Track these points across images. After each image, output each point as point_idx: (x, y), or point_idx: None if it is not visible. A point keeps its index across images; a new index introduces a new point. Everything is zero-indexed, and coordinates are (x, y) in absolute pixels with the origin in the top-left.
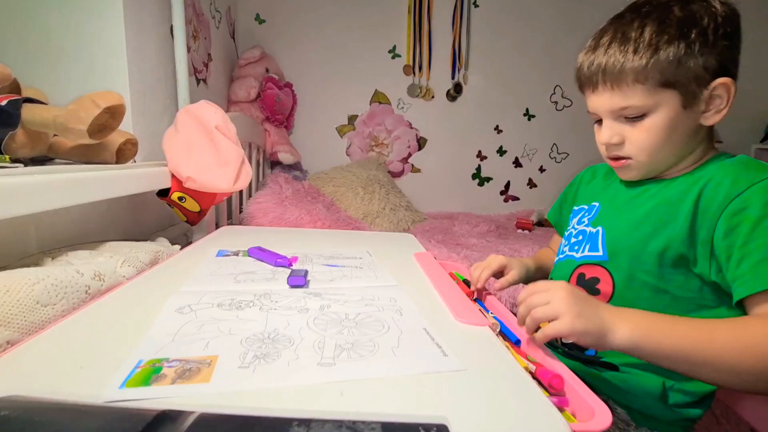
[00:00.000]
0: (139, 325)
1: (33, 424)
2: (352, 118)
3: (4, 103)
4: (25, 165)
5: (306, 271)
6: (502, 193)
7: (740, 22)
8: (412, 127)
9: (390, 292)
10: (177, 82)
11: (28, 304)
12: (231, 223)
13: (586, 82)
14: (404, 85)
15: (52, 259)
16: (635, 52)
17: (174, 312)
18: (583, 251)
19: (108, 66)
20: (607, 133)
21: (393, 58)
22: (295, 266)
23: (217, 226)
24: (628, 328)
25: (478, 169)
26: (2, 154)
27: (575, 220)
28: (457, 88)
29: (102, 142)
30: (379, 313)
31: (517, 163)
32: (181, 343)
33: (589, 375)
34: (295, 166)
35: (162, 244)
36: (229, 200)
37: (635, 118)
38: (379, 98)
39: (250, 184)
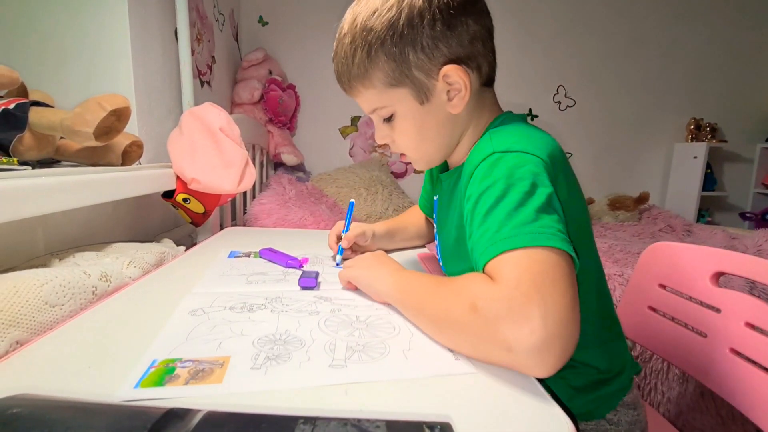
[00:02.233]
0: (146, 326)
1: (44, 421)
2: (354, 120)
3: (12, 106)
4: (33, 167)
5: (317, 273)
6: None
7: None
8: None
9: None
10: (181, 84)
11: (36, 304)
12: (235, 224)
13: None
14: None
15: (60, 260)
16: (353, 57)
17: (187, 314)
18: (441, 263)
19: (113, 69)
20: (378, 135)
21: None
22: (306, 267)
23: (222, 227)
24: (393, 280)
25: None
26: (10, 156)
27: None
28: None
29: (108, 144)
30: (389, 316)
31: None
32: (194, 343)
33: None
34: (298, 168)
35: (167, 245)
36: (233, 201)
37: (390, 119)
38: None
39: (254, 185)
